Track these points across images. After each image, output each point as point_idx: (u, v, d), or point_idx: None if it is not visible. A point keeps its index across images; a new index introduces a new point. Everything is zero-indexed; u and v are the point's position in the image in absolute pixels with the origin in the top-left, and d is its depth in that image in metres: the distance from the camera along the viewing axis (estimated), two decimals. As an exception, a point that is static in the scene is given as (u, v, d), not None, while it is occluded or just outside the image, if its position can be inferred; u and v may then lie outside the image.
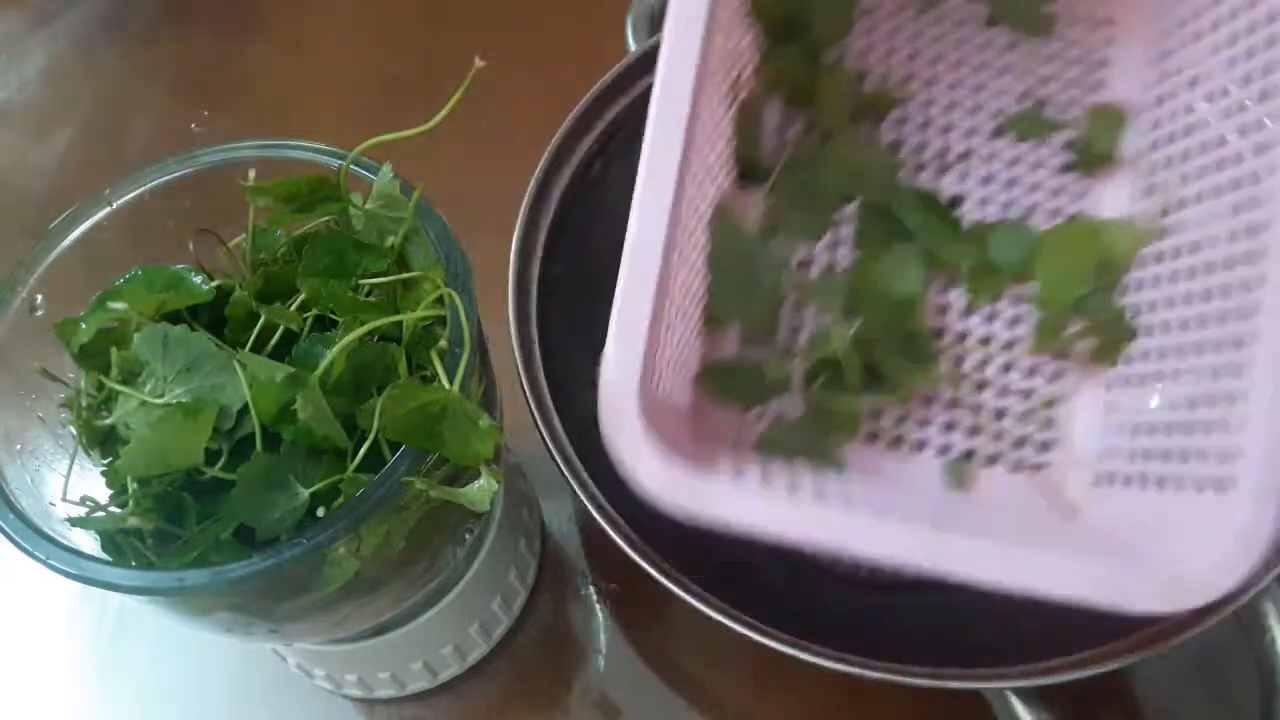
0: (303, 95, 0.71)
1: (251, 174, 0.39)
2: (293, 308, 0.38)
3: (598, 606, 0.51)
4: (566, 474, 0.43)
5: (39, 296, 0.38)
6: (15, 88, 0.74)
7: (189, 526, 0.35)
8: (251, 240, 0.40)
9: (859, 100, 0.47)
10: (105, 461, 0.37)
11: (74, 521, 0.36)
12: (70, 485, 0.37)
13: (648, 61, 0.52)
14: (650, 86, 0.51)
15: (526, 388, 0.45)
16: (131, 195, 0.40)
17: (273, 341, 0.38)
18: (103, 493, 0.37)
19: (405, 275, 0.38)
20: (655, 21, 0.55)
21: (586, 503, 0.42)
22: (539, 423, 0.44)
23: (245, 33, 0.75)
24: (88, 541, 0.36)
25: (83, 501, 0.36)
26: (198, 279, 0.39)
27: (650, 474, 0.32)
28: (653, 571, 0.40)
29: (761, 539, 0.33)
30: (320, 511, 0.34)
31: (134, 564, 0.35)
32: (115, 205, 0.39)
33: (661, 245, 0.34)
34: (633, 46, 0.53)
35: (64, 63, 0.75)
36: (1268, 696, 0.40)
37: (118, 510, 0.36)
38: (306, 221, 0.39)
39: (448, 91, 0.34)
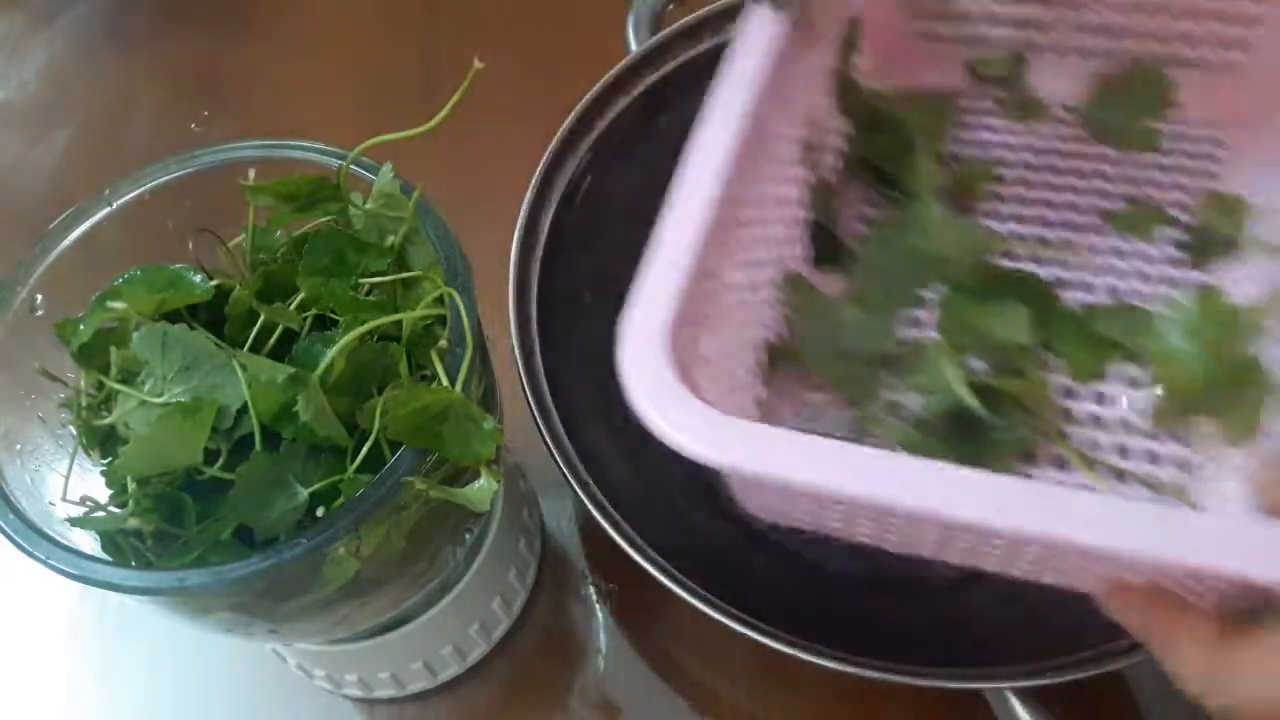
0: (303, 95, 0.71)
1: (251, 174, 0.39)
2: (292, 307, 0.38)
3: (598, 606, 0.51)
4: (566, 474, 0.43)
5: (39, 296, 0.38)
6: (15, 88, 0.74)
7: (189, 526, 0.35)
8: (251, 240, 0.40)
9: (949, 181, 0.46)
10: (105, 461, 0.37)
11: (74, 521, 0.36)
12: (70, 485, 0.37)
13: (648, 61, 0.52)
14: (649, 87, 0.52)
15: (526, 388, 0.45)
16: (131, 195, 0.40)
17: (272, 341, 0.38)
18: (103, 493, 0.37)
19: (405, 275, 0.38)
20: (655, 21, 0.55)
21: (587, 503, 0.42)
22: (539, 423, 0.44)
23: (245, 33, 0.75)
24: (88, 541, 0.36)
25: (83, 501, 0.36)
26: (197, 278, 0.39)
27: (667, 410, 0.29)
28: (653, 571, 0.40)
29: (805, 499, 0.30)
30: (320, 511, 0.34)
31: (134, 564, 0.35)
32: (115, 205, 0.39)
33: (705, 225, 0.33)
34: (633, 46, 0.53)
35: (64, 63, 0.75)
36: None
37: (118, 510, 0.36)
38: (306, 221, 0.39)
39: (448, 91, 0.34)
